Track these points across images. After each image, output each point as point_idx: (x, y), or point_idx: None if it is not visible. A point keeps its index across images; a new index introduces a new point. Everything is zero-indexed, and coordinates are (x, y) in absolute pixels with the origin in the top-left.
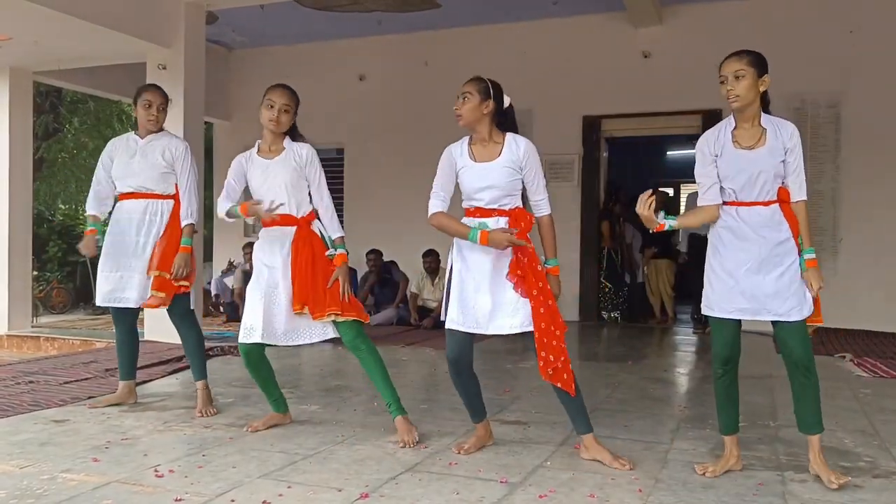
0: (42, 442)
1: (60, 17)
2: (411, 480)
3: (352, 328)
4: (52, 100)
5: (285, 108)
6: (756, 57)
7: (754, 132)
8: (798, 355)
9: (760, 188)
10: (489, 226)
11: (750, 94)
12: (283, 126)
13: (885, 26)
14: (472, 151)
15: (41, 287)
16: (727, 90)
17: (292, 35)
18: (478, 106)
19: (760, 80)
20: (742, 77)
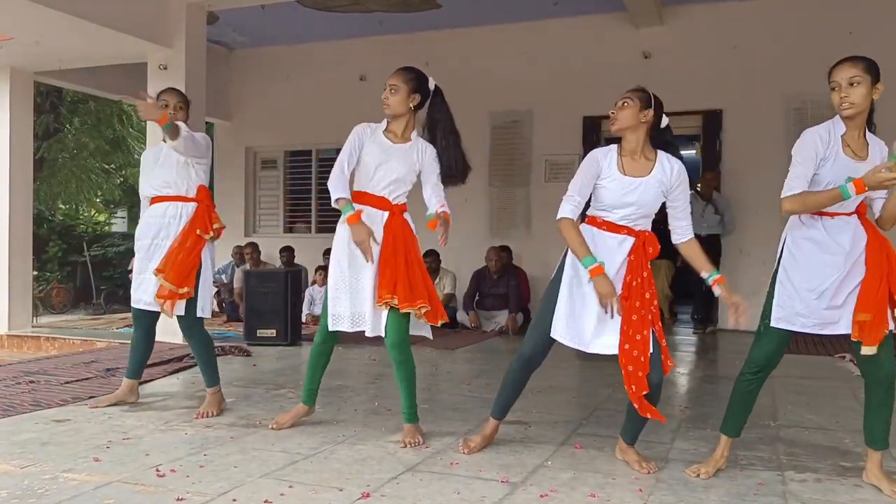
0: (43, 441)
1: (61, 16)
2: (412, 480)
3: (402, 329)
4: (52, 100)
5: (392, 89)
6: (871, 63)
7: (862, 143)
8: (886, 370)
9: (855, 200)
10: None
11: (865, 103)
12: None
13: (883, 27)
14: (622, 163)
15: (41, 287)
16: (841, 97)
17: (293, 35)
18: (636, 114)
19: (874, 87)
20: (858, 84)
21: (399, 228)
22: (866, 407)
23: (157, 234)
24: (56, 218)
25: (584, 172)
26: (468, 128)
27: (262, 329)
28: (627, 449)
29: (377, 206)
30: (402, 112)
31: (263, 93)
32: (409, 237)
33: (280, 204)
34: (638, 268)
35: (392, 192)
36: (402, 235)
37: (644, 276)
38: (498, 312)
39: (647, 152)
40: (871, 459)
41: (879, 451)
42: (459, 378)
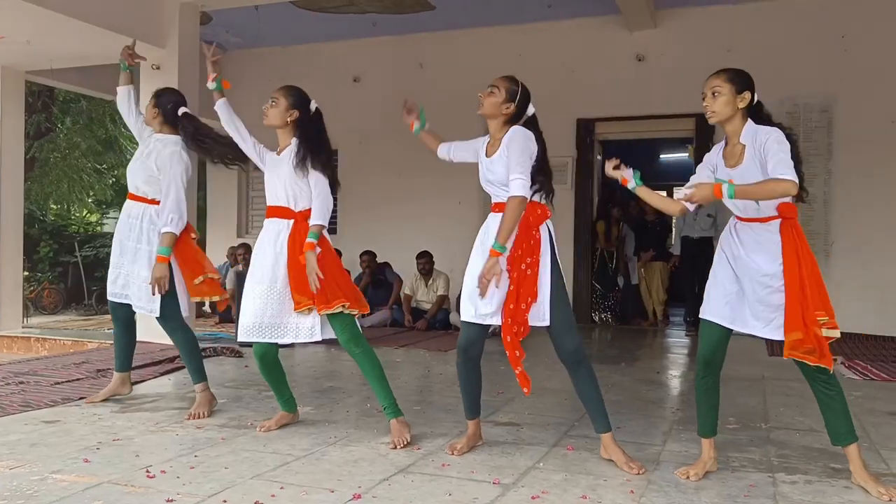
0: (32, 443)
1: (53, 16)
2: (404, 481)
3: (348, 328)
4: (44, 99)
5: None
6: (735, 73)
7: (736, 150)
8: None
9: (750, 205)
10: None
11: (725, 111)
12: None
13: (875, 31)
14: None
15: (32, 288)
16: (704, 106)
17: (287, 36)
18: (499, 104)
19: (739, 96)
20: (719, 94)
21: (303, 234)
22: (820, 408)
23: (128, 234)
24: (47, 218)
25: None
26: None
27: None
28: (610, 445)
29: (281, 216)
30: (278, 125)
31: (257, 94)
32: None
33: None
34: (519, 239)
35: (289, 201)
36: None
37: (531, 243)
38: None
39: (496, 133)
40: (851, 459)
41: (852, 446)
42: (452, 380)
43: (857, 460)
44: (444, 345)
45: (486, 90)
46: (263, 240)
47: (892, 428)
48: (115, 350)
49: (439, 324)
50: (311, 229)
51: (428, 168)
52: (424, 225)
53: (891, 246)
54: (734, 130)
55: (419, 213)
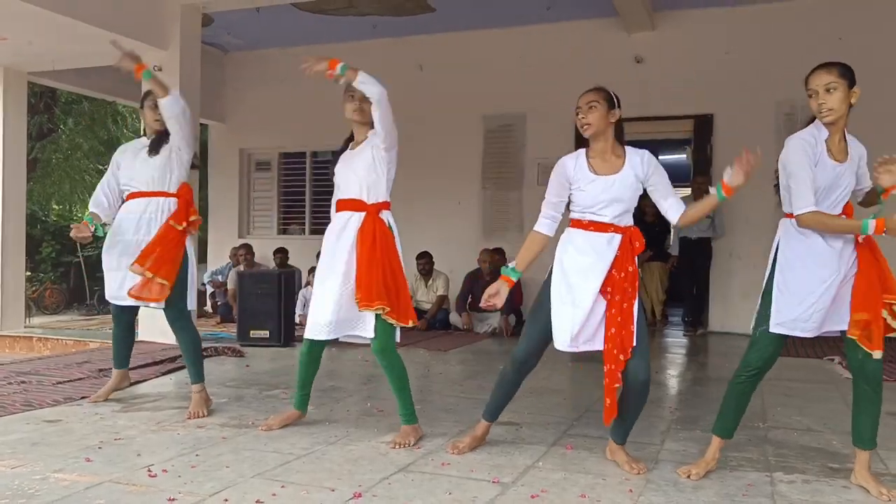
0: (34, 442)
1: (55, 17)
2: (404, 480)
3: (385, 337)
4: (46, 100)
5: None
6: (845, 68)
7: (842, 146)
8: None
9: (840, 204)
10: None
11: (843, 108)
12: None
13: (871, 33)
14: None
15: (34, 288)
16: (819, 103)
17: (287, 38)
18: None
19: (851, 91)
20: (834, 90)
21: (371, 228)
22: (854, 406)
23: (137, 229)
24: (50, 218)
25: (555, 183)
26: (462, 131)
27: (256, 330)
28: (617, 449)
29: (352, 209)
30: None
31: (257, 95)
32: (380, 237)
33: (274, 205)
34: (623, 263)
35: (362, 193)
36: (373, 235)
37: (629, 270)
38: (490, 314)
39: (616, 149)
40: (859, 461)
41: (867, 451)
42: (452, 379)
43: (865, 463)
44: (443, 345)
45: (585, 108)
46: (331, 235)
47: (890, 428)
48: (116, 349)
49: (439, 324)
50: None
51: (428, 169)
52: (424, 225)
53: (889, 246)
54: (841, 127)
55: (419, 213)
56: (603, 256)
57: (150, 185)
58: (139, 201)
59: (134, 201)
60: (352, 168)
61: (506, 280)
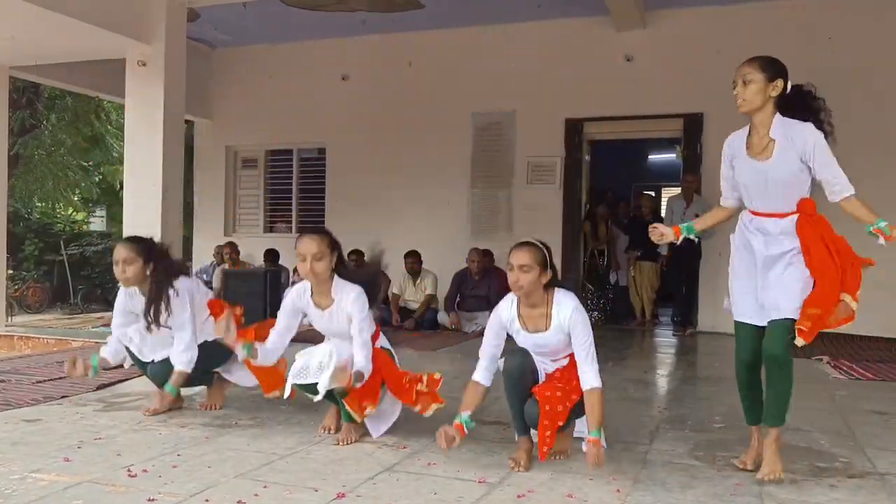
0: (13, 441)
1: (38, 11)
2: (389, 480)
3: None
4: (29, 95)
5: (317, 257)
6: (767, 61)
7: (765, 142)
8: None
9: (775, 201)
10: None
11: (756, 100)
12: (321, 275)
13: (861, 34)
14: (523, 321)
15: (17, 286)
16: (735, 94)
17: (275, 34)
18: (763, 89)
19: (771, 84)
20: (750, 82)
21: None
22: (766, 386)
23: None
24: (33, 216)
25: (491, 332)
26: (451, 129)
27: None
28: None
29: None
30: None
31: (245, 91)
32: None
33: (260, 203)
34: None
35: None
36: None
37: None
38: (479, 313)
39: (546, 305)
40: (767, 436)
41: (775, 429)
42: None
43: (772, 439)
44: (431, 344)
45: (518, 270)
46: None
47: (877, 427)
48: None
49: (427, 323)
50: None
51: (416, 167)
52: (412, 224)
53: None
54: (762, 121)
55: (407, 212)
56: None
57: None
58: (158, 339)
59: (152, 338)
60: (334, 332)
61: (459, 428)
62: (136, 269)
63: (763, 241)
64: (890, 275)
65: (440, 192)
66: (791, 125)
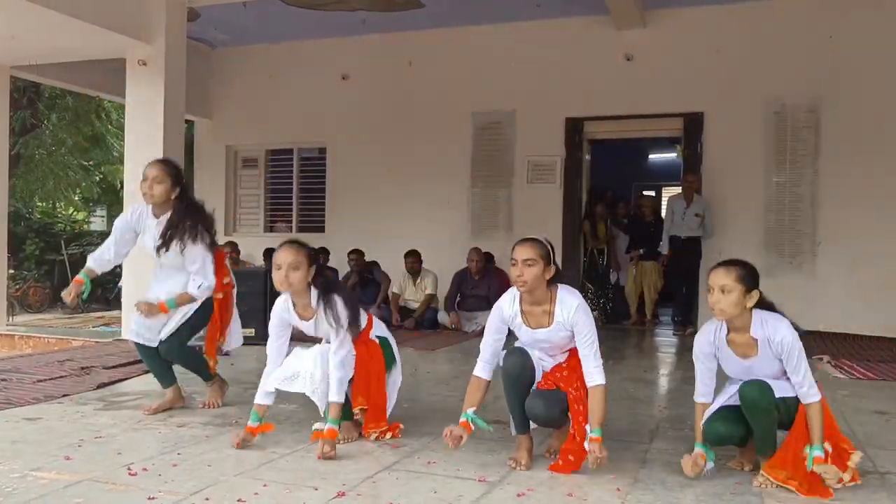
0: (13, 440)
1: (38, 10)
2: (389, 479)
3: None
4: (29, 95)
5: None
6: (745, 271)
7: (748, 341)
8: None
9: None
10: None
11: (735, 310)
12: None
13: (863, 32)
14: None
15: (18, 286)
16: (712, 301)
17: (275, 33)
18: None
19: (748, 295)
20: (729, 293)
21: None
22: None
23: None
24: (33, 216)
25: (492, 326)
26: (451, 128)
27: (241, 329)
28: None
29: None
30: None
31: (245, 91)
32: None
33: (261, 203)
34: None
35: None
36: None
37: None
38: (479, 313)
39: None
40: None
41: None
42: (439, 378)
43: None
44: (431, 344)
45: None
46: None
47: (878, 426)
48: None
49: (427, 323)
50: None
51: (416, 166)
52: (412, 224)
53: (877, 246)
54: (743, 325)
55: (407, 211)
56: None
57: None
58: (168, 272)
59: (162, 271)
60: (324, 333)
61: (465, 426)
62: (163, 189)
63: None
64: (891, 275)
65: (440, 192)
66: (768, 323)
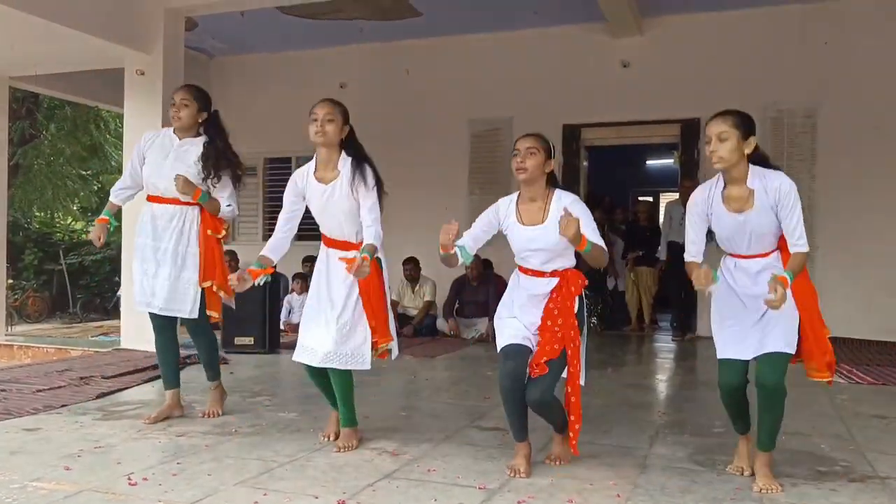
0: (13, 450)
1: (37, 21)
2: (388, 487)
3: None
4: (28, 105)
5: (328, 119)
6: (741, 118)
7: (744, 193)
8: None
9: (757, 245)
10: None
11: (733, 157)
12: (329, 136)
13: (857, 38)
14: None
15: (16, 296)
16: (710, 151)
17: (273, 43)
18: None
19: (745, 141)
20: (726, 139)
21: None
22: (758, 413)
23: (166, 236)
24: (32, 226)
25: (485, 217)
26: (449, 136)
27: (240, 337)
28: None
29: (343, 249)
30: (333, 142)
31: (243, 100)
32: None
33: (259, 211)
34: (559, 300)
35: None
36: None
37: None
38: (477, 320)
39: (545, 198)
40: (759, 459)
41: (766, 453)
42: (438, 385)
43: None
44: (430, 351)
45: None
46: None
47: (878, 431)
48: (163, 365)
49: (426, 330)
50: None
51: (414, 173)
52: (410, 231)
53: (876, 250)
54: (740, 175)
55: (405, 219)
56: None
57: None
58: (165, 208)
59: (159, 206)
60: (331, 213)
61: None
62: (190, 112)
63: (748, 281)
64: (889, 279)
65: (438, 199)
66: (765, 174)
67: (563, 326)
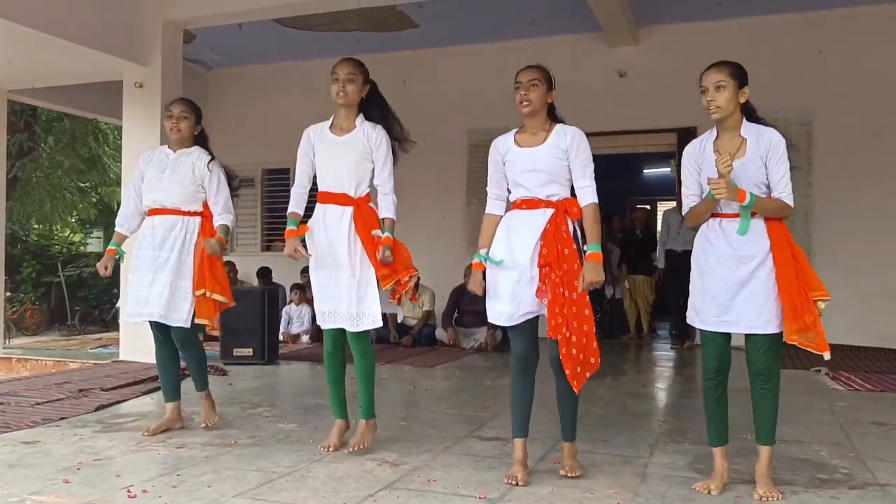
0: (11, 464)
1: (35, 35)
2: (389, 497)
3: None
4: (26, 118)
5: (349, 79)
6: (736, 68)
7: (735, 142)
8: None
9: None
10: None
11: (730, 106)
12: (350, 96)
13: (851, 46)
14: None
15: (15, 308)
16: (707, 101)
17: (270, 54)
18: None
19: (741, 91)
20: (723, 88)
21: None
22: (753, 405)
23: (162, 246)
24: (30, 238)
25: (491, 162)
26: (446, 146)
27: (239, 348)
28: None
29: (340, 203)
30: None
31: (241, 111)
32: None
33: (258, 222)
34: (552, 238)
35: (350, 188)
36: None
37: (559, 248)
38: (476, 329)
39: (545, 126)
40: (760, 457)
41: (764, 447)
42: (438, 395)
43: (764, 461)
44: (429, 360)
45: (527, 84)
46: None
47: (877, 438)
48: (163, 377)
49: (425, 339)
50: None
51: (412, 184)
52: (409, 240)
53: (872, 257)
54: (734, 125)
55: (403, 228)
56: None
57: (175, 202)
58: (164, 218)
59: (158, 217)
60: (337, 161)
61: (479, 266)
62: (189, 125)
63: (731, 243)
64: (886, 286)
65: (437, 208)
66: (758, 127)
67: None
